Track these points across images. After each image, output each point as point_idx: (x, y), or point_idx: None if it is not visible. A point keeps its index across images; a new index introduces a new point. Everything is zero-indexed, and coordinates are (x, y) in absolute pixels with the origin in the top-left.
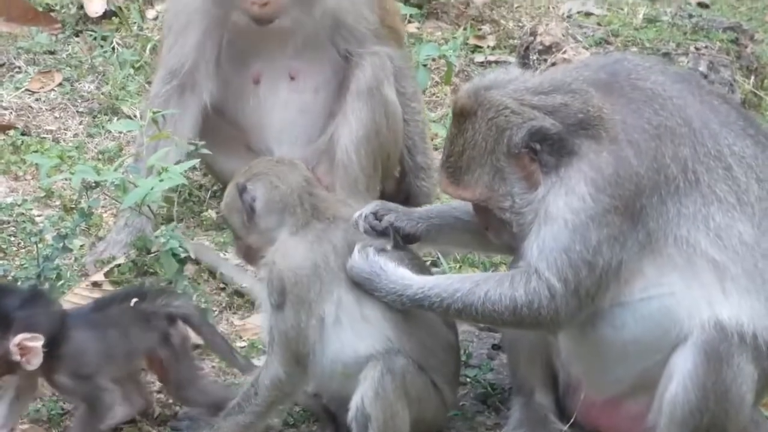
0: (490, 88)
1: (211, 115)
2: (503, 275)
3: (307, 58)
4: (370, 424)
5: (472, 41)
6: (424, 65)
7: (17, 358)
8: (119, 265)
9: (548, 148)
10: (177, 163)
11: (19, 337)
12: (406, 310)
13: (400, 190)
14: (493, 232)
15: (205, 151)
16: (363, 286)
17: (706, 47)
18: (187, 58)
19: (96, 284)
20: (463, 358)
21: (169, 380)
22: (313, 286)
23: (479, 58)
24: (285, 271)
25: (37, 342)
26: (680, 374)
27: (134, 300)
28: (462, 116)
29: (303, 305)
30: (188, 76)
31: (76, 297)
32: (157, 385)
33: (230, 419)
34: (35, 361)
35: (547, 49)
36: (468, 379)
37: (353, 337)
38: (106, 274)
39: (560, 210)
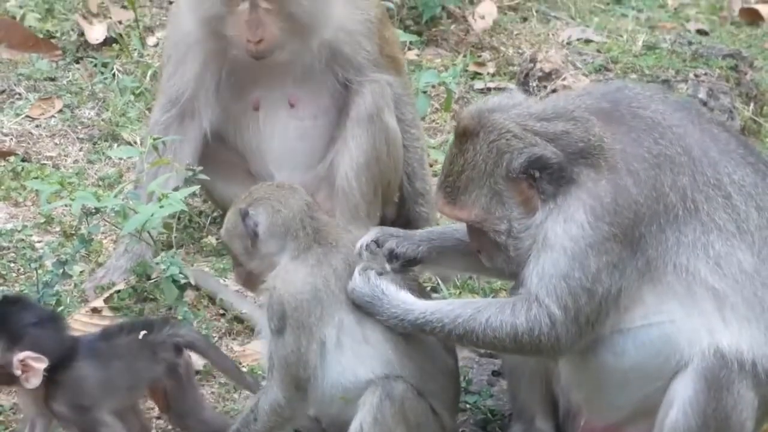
0: (493, 111)
1: (211, 142)
2: (505, 302)
3: (306, 86)
4: None
5: (471, 68)
6: (424, 92)
7: (18, 372)
8: (119, 291)
9: (547, 177)
10: (176, 189)
11: (23, 354)
12: (406, 334)
13: (400, 215)
14: (486, 255)
15: (203, 177)
16: (364, 309)
17: (705, 74)
18: (187, 87)
19: (96, 310)
20: (463, 384)
21: (170, 409)
22: (313, 310)
23: (479, 84)
24: (285, 296)
25: (40, 363)
26: (681, 401)
27: (143, 333)
28: (464, 136)
29: (303, 330)
30: (188, 104)
31: (76, 323)
32: (156, 410)
33: None
34: (34, 381)
35: (547, 76)
36: (468, 405)
37: (354, 360)
38: (105, 300)
39: (559, 237)
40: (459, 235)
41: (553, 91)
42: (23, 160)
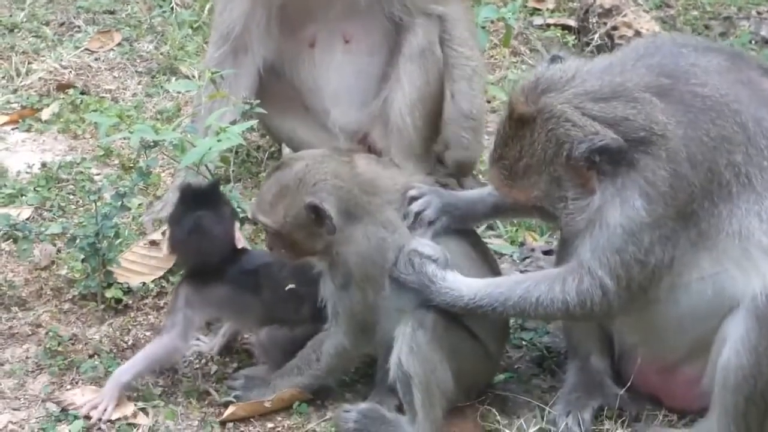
0: (548, 92)
1: (264, 77)
2: (554, 277)
3: (360, 22)
4: (412, 382)
5: (531, 4)
6: (483, 27)
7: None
8: None
9: (608, 159)
10: (234, 123)
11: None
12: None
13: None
14: (540, 217)
15: (260, 110)
16: (413, 295)
17: None
18: (237, 23)
19: (154, 243)
20: (519, 321)
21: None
22: (377, 263)
23: (538, 20)
24: (350, 257)
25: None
26: (733, 339)
27: (290, 286)
28: (520, 122)
29: (369, 282)
30: (239, 40)
31: (134, 255)
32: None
33: (287, 380)
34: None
35: (607, 12)
36: (524, 342)
37: None
38: (164, 233)
39: (615, 219)
40: (493, 200)
41: (614, 28)
42: (82, 93)
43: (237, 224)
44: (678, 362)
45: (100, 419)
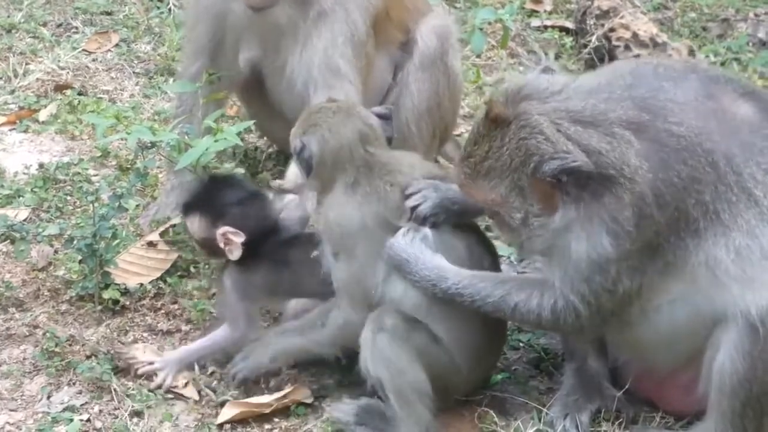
0: (529, 99)
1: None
2: (533, 287)
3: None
4: (384, 385)
5: (528, 5)
6: (481, 29)
7: (221, 245)
8: (174, 225)
9: (574, 182)
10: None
11: (224, 228)
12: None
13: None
14: (497, 226)
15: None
16: (399, 268)
17: (766, 13)
18: (202, 45)
19: (151, 244)
20: (517, 324)
21: None
22: (359, 242)
23: (536, 22)
24: (334, 226)
25: (238, 238)
26: (726, 346)
27: (315, 253)
28: (494, 123)
29: (354, 259)
30: (213, 52)
31: (132, 256)
32: None
33: (286, 338)
34: (236, 253)
35: (605, 14)
36: (521, 344)
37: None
38: (161, 234)
39: (581, 250)
40: None
41: (611, 30)
42: (80, 94)
43: None
44: (670, 372)
45: (159, 386)
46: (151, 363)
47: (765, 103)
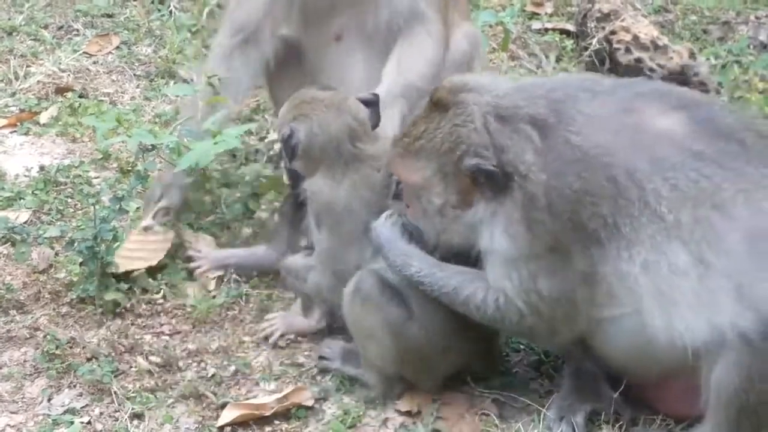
0: (472, 91)
1: (283, 67)
2: (480, 282)
3: (388, 19)
4: (354, 340)
5: (529, 8)
6: (482, 31)
7: None
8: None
9: (489, 183)
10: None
11: None
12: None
13: None
14: (412, 214)
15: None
16: (378, 250)
17: (767, 16)
18: (254, 15)
19: (147, 228)
20: None
21: None
22: (342, 222)
23: (537, 25)
24: (318, 201)
25: None
26: (722, 360)
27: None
28: (435, 106)
29: (336, 236)
30: (253, 32)
31: (133, 243)
32: None
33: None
34: None
35: (606, 17)
36: (521, 346)
37: None
38: (153, 216)
39: (490, 248)
40: None
41: (612, 32)
42: (81, 97)
43: None
44: (663, 378)
45: (204, 272)
46: (198, 251)
47: (703, 115)
